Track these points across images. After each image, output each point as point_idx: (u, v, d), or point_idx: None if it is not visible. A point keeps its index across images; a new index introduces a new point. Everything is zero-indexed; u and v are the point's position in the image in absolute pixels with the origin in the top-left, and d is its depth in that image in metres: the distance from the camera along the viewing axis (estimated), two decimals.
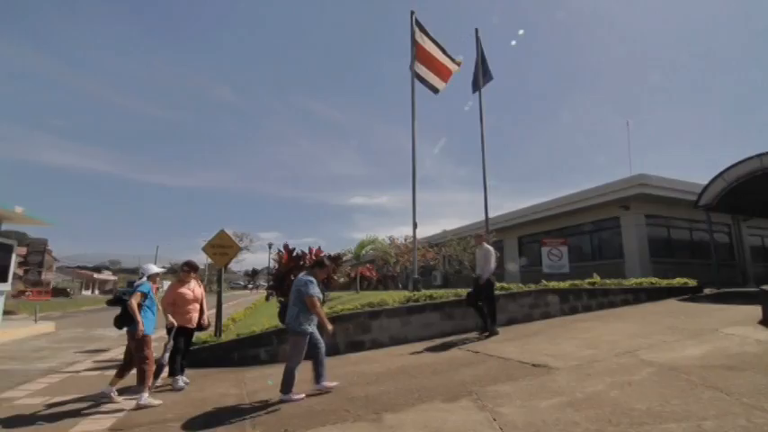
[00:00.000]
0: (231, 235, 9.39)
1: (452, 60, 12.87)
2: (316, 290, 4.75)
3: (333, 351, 7.17)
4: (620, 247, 16.79)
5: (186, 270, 6.05)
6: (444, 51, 12.74)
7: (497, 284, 9.50)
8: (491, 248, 7.66)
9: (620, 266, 16.00)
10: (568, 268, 14.44)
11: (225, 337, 8.03)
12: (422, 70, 12.57)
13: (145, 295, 5.09)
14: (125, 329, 5.09)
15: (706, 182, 13.91)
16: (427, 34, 12.52)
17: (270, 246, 35.11)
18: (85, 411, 4.75)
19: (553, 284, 9.59)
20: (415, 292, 8.93)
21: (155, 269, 5.55)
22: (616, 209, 16.66)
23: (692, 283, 11.59)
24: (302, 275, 4.99)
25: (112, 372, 5.50)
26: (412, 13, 12.32)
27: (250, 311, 16.71)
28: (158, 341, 6.04)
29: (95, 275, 69.48)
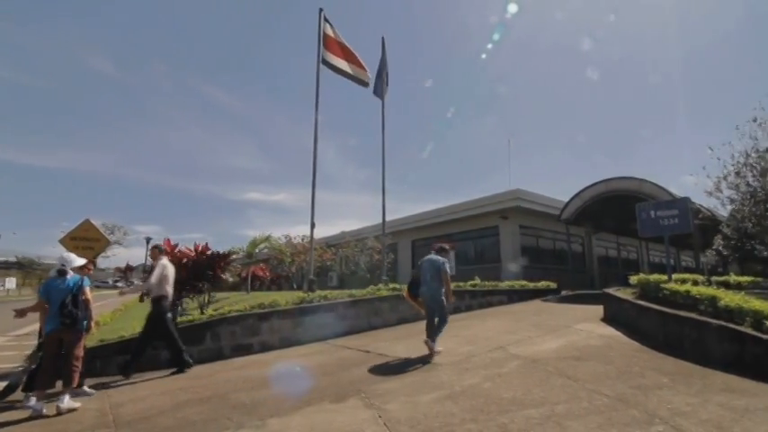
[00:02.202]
0: (99, 226, 8.21)
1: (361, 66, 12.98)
2: (447, 268, 6.16)
3: (216, 356, 6.71)
4: (498, 252, 18.65)
5: (90, 268, 5.42)
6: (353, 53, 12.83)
7: (390, 285, 9.85)
8: (168, 264, 6.28)
9: (497, 270, 17.78)
10: (455, 271, 15.59)
11: (86, 343, 6.97)
12: (340, 63, 12.41)
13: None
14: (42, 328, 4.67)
15: (567, 199, 16.21)
16: (336, 31, 12.47)
17: (148, 240, 31.57)
18: None
19: None
20: (310, 293, 8.80)
21: (78, 261, 5.05)
22: (497, 218, 18.49)
23: (553, 285, 13.37)
24: (436, 257, 6.23)
25: None
26: (320, 10, 12.17)
27: (119, 314, 14.83)
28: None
29: None
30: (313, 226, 11.35)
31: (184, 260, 9.12)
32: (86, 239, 7.68)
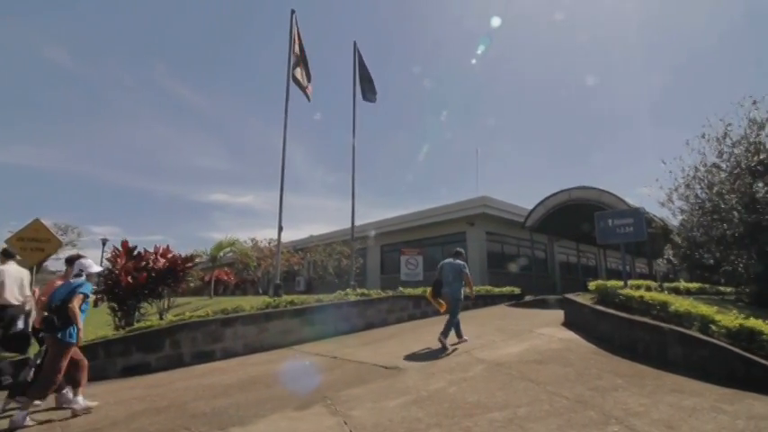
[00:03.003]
0: (50, 226, 7.76)
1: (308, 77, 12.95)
2: (468, 270, 6.96)
3: (176, 363, 6.46)
4: (465, 258, 18.97)
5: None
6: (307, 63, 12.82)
7: (359, 290, 9.81)
8: (5, 269, 5.57)
9: None
10: (422, 276, 15.71)
11: (31, 352, 6.55)
12: (298, 73, 12.41)
13: (85, 298, 4.47)
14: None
15: (531, 206, 16.72)
16: (301, 40, 12.44)
17: (104, 242, 29.85)
18: None
19: (408, 291, 10.31)
20: (276, 298, 8.63)
21: (96, 267, 4.86)
22: (464, 224, 18.83)
23: (517, 291, 13.73)
24: (457, 261, 6.93)
25: None
26: (292, 11, 12.08)
27: None
28: None
29: None
30: (280, 229, 11.19)
31: (144, 263, 8.75)
32: (36, 240, 7.24)
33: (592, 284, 7.98)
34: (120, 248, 8.92)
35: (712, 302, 6.79)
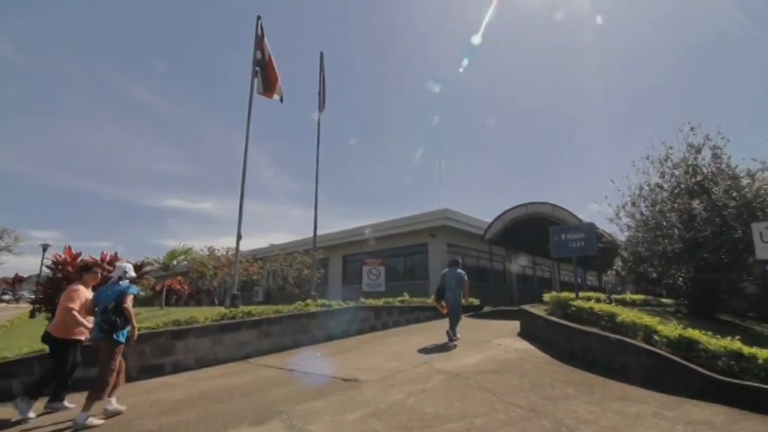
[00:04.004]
0: None
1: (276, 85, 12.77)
2: (466, 278, 7.93)
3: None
4: (426, 269, 19.18)
5: (96, 271, 5.34)
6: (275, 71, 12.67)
7: (319, 301, 9.66)
8: None
9: (425, 286, 18.22)
10: (384, 287, 15.72)
11: None
12: (263, 78, 12.24)
13: (134, 298, 4.67)
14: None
15: (490, 220, 17.21)
16: (266, 45, 12.30)
17: (45, 248, 27.88)
18: None
19: (370, 302, 10.27)
20: (233, 309, 8.33)
21: (133, 271, 5.07)
22: (426, 236, 19.07)
23: (476, 302, 13.99)
24: (457, 270, 7.91)
25: None
26: (258, 18, 11.96)
27: (4, 332, 12.89)
28: None
29: None
30: (239, 237, 10.87)
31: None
32: None
33: (546, 296, 8.27)
34: (63, 255, 8.36)
35: (655, 313, 7.21)
